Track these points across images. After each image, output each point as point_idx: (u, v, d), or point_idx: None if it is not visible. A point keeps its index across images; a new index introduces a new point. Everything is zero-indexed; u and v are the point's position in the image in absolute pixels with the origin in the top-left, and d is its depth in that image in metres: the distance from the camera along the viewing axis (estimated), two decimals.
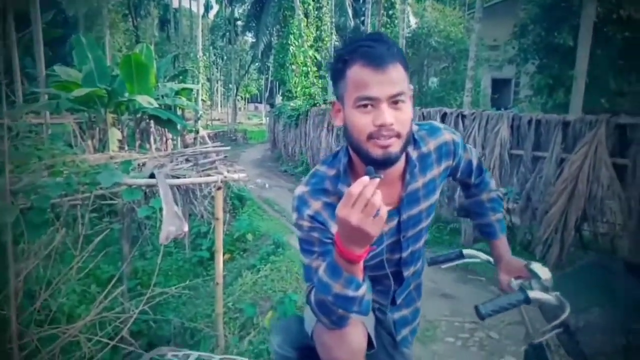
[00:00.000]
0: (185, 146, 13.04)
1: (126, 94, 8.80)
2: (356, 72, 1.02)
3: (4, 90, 2.71)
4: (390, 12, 13.82)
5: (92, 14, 23.75)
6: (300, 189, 1.17)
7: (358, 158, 1.11)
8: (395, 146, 1.04)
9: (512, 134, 5.44)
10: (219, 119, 34.83)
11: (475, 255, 1.45)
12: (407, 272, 1.28)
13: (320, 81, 14.39)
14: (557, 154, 4.90)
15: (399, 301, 1.32)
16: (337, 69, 1.08)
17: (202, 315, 4.60)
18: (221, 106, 42.61)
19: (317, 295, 1.05)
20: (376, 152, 1.03)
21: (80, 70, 9.06)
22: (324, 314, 1.06)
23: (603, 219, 4.50)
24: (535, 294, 1.10)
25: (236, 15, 27.69)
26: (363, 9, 16.61)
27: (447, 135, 1.27)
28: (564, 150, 4.89)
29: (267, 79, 31.31)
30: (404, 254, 1.25)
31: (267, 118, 22.39)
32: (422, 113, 6.78)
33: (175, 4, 23.96)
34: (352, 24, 22.81)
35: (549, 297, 1.09)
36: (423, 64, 12.13)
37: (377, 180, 0.90)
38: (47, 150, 3.42)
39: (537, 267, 1.17)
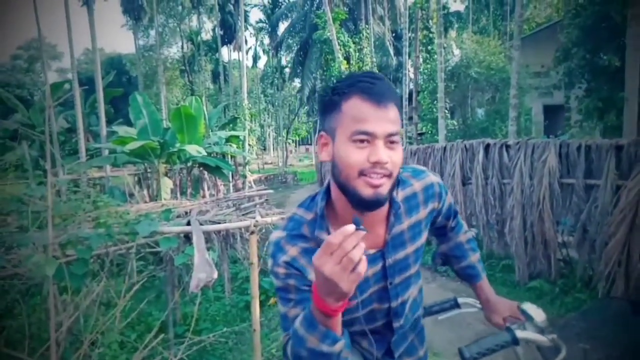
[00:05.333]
0: (237, 190, 13.48)
1: (177, 145, 9.27)
2: (355, 105, 1.00)
3: (49, 151, 2.94)
4: (429, 47, 13.88)
5: (151, 73, 25.85)
6: (277, 234, 1.12)
7: (341, 200, 1.06)
8: (385, 187, 1.00)
9: (561, 162, 5.15)
10: (271, 163, 35.89)
11: (471, 304, 1.35)
12: (397, 324, 1.19)
13: None
14: (612, 181, 4.56)
15: (398, 352, 1.22)
16: (331, 101, 1.04)
17: None
18: (273, 150, 43.97)
19: (293, 348, 0.99)
20: (366, 191, 0.99)
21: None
22: None
23: None
24: (524, 333, 0.99)
25: (283, 63, 28.93)
26: (403, 46, 16.82)
27: (433, 177, 1.25)
28: (619, 176, 4.54)
29: (315, 121, 32.02)
30: (393, 304, 1.16)
31: (317, 159, 22.78)
32: (465, 145, 6.59)
33: (225, 58, 25.42)
34: (395, 62, 23.10)
35: (541, 338, 0.98)
36: (466, 96, 11.92)
37: (362, 233, 0.82)
38: (91, 202, 3.61)
39: (530, 308, 1.07)
